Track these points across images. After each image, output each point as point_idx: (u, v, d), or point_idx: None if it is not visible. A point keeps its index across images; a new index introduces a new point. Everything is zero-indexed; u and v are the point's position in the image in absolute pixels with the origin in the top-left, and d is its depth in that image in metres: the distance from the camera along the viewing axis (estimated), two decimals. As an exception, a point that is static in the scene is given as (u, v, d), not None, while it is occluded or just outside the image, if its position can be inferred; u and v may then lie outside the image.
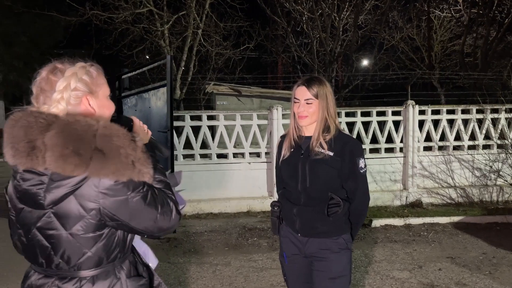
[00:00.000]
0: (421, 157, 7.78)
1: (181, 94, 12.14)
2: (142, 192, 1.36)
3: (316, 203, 2.26)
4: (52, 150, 1.26)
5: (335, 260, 2.27)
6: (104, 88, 1.47)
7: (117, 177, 1.30)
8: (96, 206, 1.31)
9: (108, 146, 1.29)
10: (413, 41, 17.12)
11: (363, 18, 14.99)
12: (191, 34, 11.67)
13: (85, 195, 1.31)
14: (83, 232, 1.34)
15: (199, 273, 4.48)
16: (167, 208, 1.42)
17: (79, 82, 1.39)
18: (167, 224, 1.42)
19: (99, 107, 1.44)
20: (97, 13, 10.22)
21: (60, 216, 1.33)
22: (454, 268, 4.52)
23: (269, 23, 16.44)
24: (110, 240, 1.38)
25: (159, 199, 1.40)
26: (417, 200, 7.55)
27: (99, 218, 1.33)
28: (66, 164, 1.25)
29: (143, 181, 1.37)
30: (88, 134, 1.28)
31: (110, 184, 1.31)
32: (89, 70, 1.43)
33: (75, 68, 1.40)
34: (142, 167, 1.34)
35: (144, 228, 1.39)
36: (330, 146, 2.24)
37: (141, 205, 1.35)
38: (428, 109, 7.83)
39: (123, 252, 1.44)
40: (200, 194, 7.30)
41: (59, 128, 1.28)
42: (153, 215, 1.38)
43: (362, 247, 5.22)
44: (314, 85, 2.24)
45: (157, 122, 6.17)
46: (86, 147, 1.27)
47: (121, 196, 1.32)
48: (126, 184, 1.32)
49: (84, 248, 1.35)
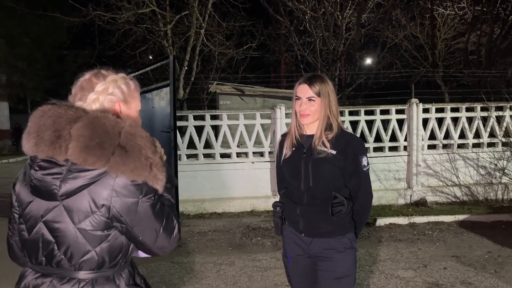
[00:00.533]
0: (425, 155, 7.75)
1: (184, 94, 12.14)
2: (153, 200, 1.36)
3: (320, 203, 2.24)
4: (78, 140, 1.29)
5: (340, 259, 2.25)
6: (137, 102, 1.55)
7: (134, 176, 1.31)
8: (107, 203, 1.32)
9: (131, 144, 1.32)
10: (417, 39, 17.03)
11: (366, 16, 14.94)
12: (194, 34, 11.66)
13: (99, 191, 1.32)
14: (91, 228, 1.34)
15: (203, 273, 4.47)
16: (171, 224, 1.42)
17: (117, 88, 1.47)
18: (166, 242, 1.41)
19: (127, 116, 1.50)
20: (100, 14, 10.23)
21: (70, 210, 1.33)
22: (459, 267, 4.49)
23: (271, 22, 16.43)
24: (115, 243, 1.38)
25: (166, 212, 1.41)
26: (422, 199, 7.52)
27: (107, 216, 1.34)
28: (89, 155, 1.28)
29: (155, 189, 1.37)
30: (114, 130, 1.32)
31: (126, 183, 1.32)
32: (128, 82, 1.51)
33: (116, 76, 1.49)
34: (158, 173, 1.36)
35: (145, 239, 1.39)
36: (333, 144, 2.22)
37: (149, 212, 1.35)
38: (432, 107, 7.80)
39: (125, 258, 1.44)
40: (204, 194, 7.30)
41: (88, 120, 1.32)
42: (157, 227, 1.38)
43: (367, 246, 5.20)
44: (316, 83, 2.22)
45: (161, 122, 6.17)
46: (111, 142, 1.30)
47: (133, 197, 1.33)
48: (140, 186, 1.33)
49: (88, 246, 1.35)
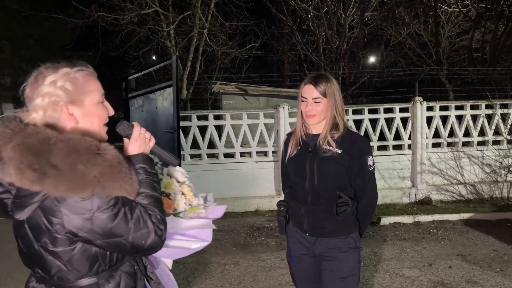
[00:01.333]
0: (429, 153, 7.71)
1: (187, 94, 12.16)
2: (111, 210, 1.26)
3: (324, 202, 2.24)
4: (12, 163, 1.21)
5: (345, 259, 2.25)
6: (93, 95, 1.38)
7: (75, 194, 1.22)
8: (60, 221, 1.25)
9: (64, 161, 1.21)
10: (420, 37, 16.94)
11: (369, 14, 14.89)
12: (197, 34, 11.68)
13: (50, 210, 1.25)
14: (51, 246, 1.28)
15: (207, 273, 4.48)
16: (143, 229, 1.31)
17: (59, 90, 1.32)
18: (141, 246, 1.32)
19: (84, 116, 1.37)
20: (103, 15, 10.26)
21: (31, 228, 1.29)
22: (464, 265, 4.47)
23: (275, 22, 16.39)
24: (85, 254, 1.31)
25: (134, 219, 1.30)
26: (426, 197, 7.49)
27: (64, 232, 1.26)
28: (23, 178, 1.20)
29: (116, 197, 1.28)
30: (44, 148, 1.22)
31: (73, 200, 1.23)
32: (74, 77, 1.35)
33: (56, 76, 1.33)
34: (109, 183, 1.25)
35: (114, 248, 1.32)
36: (338, 143, 2.22)
37: (107, 224, 1.26)
38: (436, 105, 7.76)
39: (107, 265, 1.37)
40: (208, 194, 7.29)
41: (18, 140, 1.23)
42: (123, 236, 1.29)
43: (371, 245, 5.19)
44: (322, 83, 2.22)
45: (164, 122, 6.18)
46: (41, 162, 1.20)
47: (84, 213, 1.24)
48: (90, 201, 1.24)
49: (57, 262, 1.30)
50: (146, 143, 1.49)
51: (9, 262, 4.71)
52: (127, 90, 7.43)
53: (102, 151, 1.27)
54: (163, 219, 1.38)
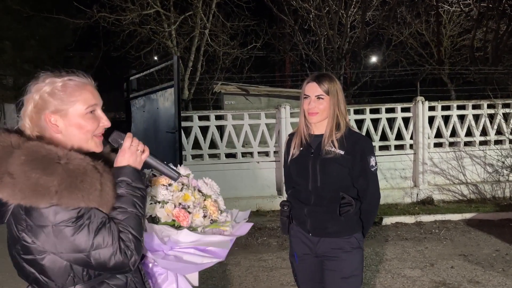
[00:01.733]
0: (431, 153, 7.70)
1: (189, 95, 12.17)
2: (72, 224, 1.21)
3: (327, 203, 2.24)
4: None
5: (348, 259, 2.25)
6: (78, 105, 1.34)
7: (33, 203, 1.19)
8: (26, 231, 1.24)
9: (19, 170, 1.19)
10: (422, 37, 16.92)
11: (370, 14, 14.88)
12: (198, 34, 11.68)
13: (16, 218, 1.24)
14: (22, 253, 1.27)
15: (209, 273, 4.47)
16: (106, 249, 1.24)
17: (41, 98, 1.32)
18: (105, 264, 1.25)
19: (66, 126, 1.34)
20: (104, 15, 10.27)
21: (9, 234, 1.30)
22: (466, 265, 4.46)
23: (276, 22, 16.38)
24: (55, 265, 1.26)
25: (97, 236, 1.23)
26: (428, 197, 7.48)
27: (31, 240, 1.24)
28: None
29: (81, 210, 1.22)
30: (3, 156, 1.21)
31: (33, 210, 1.20)
32: (62, 85, 1.34)
33: (41, 85, 1.33)
34: (69, 193, 1.20)
35: (79, 263, 1.26)
36: (341, 144, 2.21)
37: (66, 238, 1.21)
38: (438, 105, 7.75)
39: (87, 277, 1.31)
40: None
41: None
42: (84, 252, 1.23)
43: (373, 245, 5.18)
44: (325, 82, 2.22)
45: (165, 122, 6.18)
46: (1, 170, 1.19)
47: (44, 224, 1.21)
48: (51, 211, 1.20)
49: (30, 269, 1.28)
50: (137, 155, 1.41)
51: (11, 263, 4.72)
52: (128, 90, 7.43)
53: (64, 160, 1.23)
54: (136, 238, 1.31)
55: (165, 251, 1.56)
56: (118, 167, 1.37)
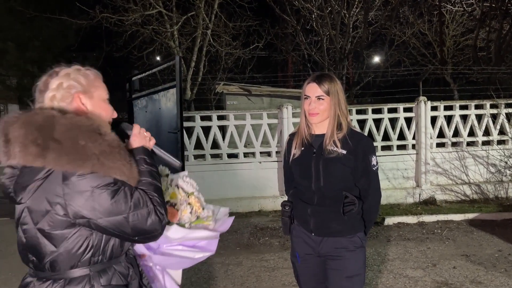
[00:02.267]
0: (434, 153, 7.69)
1: (191, 95, 12.18)
2: (111, 188, 1.30)
3: (330, 202, 2.24)
4: (17, 141, 1.27)
5: (351, 258, 2.25)
6: (100, 91, 1.49)
7: (75, 167, 1.26)
8: (61, 200, 1.29)
9: (65, 136, 1.27)
10: (425, 37, 16.89)
11: (373, 14, 14.85)
12: (200, 35, 11.69)
13: (51, 189, 1.29)
14: (49, 228, 1.31)
15: (210, 273, 4.48)
16: (143, 209, 1.34)
17: (72, 80, 1.42)
18: (142, 226, 1.34)
19: (93, 107, 1.45)
20: (107, 16, 10.30)
21: (31, 210, 1.33)
22: (469, 265, 4.45)
23: (278, 22, 16.38)
24: (80, 240, 1.34)
25: (134, 198, 1.34)
26: (431, 197, 7.46)
27: (63, 213, 1.30)
28: (27, 154, 1.26)
29: (116, 179, 1.32)
30: (47, 124, 1.28)
31: (74, 177, 1.28)
32: (85, 72, 1.47)
33: (69, 70, 1.45)
34: (108, 161, 1.29)
35: (116, 229, 1.33)
36: (343, 144, 2.21)
37: (106, 201, 1.29)
38: (440, 105, 7.73)
39: (100, 257, 1.39)
40: (211, 194, 7.28)
41: (23, 119, 1.30)
42: (123, 214, 1.31)
43: (375, 246, 5.17)
44: (325, 82, 2.22)
45: (168, 123, 6.19)
46: (45, 137, 1.26)
47: (84, 189, 1.28)
48: (90, 178, 1.28)
49: (51, 247, 1.32)
50: (146, 140, 1.56)
51: (14, 262, 4.74)
52: (131, 90, 7.44)
53: (103, 132, 1.34)
54: (163, 204, 1.42)
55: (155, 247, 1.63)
56: (134, 148, 1.51)
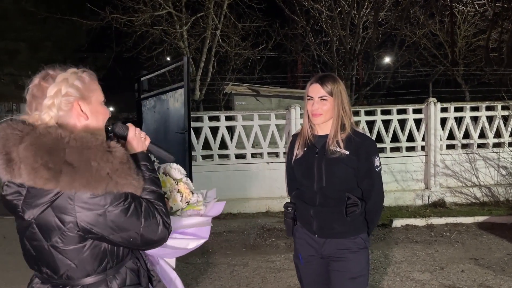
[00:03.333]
0: (444, 155, 7.61)
1: (200, 95, 12.21)
2: (123, 205, 1.31)
3: (333, 204, 2.23)
4: (24, 163, 1.24)
5: (354, 259, 2.24)
6: (97, 94, 1.45)
7: (90, 190, 1.26)
8: (73, 219, 1.28)
9: (78, 159, 1.25)
10: (436, 37, 16.74)
11: (383, 14, 14.75)
12: (209, 35, 11.72)
13: (62, 208, 1.27)
14: (62, 244, 1.31)
15: (216, 274, 4.48)
16: (153, 221, 1.37)
17: (70, 87, 1.38)
18: (152, 237, 1.37)
19: (92, 112, 1.42)
20: (117, 17, 10.37)
21: (41, 228, 1.31)
22: (477, 269, 4.38)
23: (288, 22, 16.36)
24: (94, 251, 1.35)
25: (144, 212, 1.35)
26: (440, 200, 7.39)
27: (76, 230, 1.29)
28: (37, 177, 1.23)
29: (126, 193, 1.32)
30: (58, 147, 1.25)
31: (86, 197, 1.27)
32: (81, 76, 1.42)
33: (66, 74, 1.39)
34: (120, 179, 1.29)
35: (127, 242, 1.35)
36: (346, 144, 2.20)
37: (120, 218, 1.30)
38: (450, 107, 7.65)
39: (115, 261, 1.41)
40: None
41: (30, 140, 1.25)
42: (135, 229, 1.33)
43: (382, 248, 5.13)
44: (328, 83, 2.21)
45: (175, 123, 6.21)
46: (56, 160, 1.24)
47: (97, 209, 1.28)
48: (103, 197, 1.28)
49: (66, 260, 1.33)
50: (142, 142, 1.53)
51: (23, 261, 4.79)
52: (139, 91, 7.49)
53: (113, 149, 1.32)
54: (168, 213, 1.44)
55: None
56: (133, 154, 1.47)
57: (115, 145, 1.34)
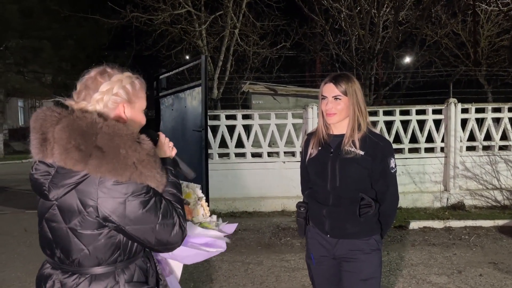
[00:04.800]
0: (464, 157, 7.48)
1: (218, 94, 12.27)
2: (143, 197, 1.34)
3: (346, 204, 2.21)
4: (58, 143, 1.30)
5: (367, 261, 2.22)
6: (142, 102, 1.53)
7: (115, 176, 1.30)
8: (94, 203, 1.32)
9: (108, 145, 1.30)
10: (458, 37, 16.42)
11: (404, 14, 14.54)
12: (228, 34, 11.76)
13: (85, 191, 1.33)
14: (80, 228, 1.35)
15: (231, 271, 4.50)
16: (170, 220, 1.39)
17: (122, 89, 1.45)
18: (166, 237, 1.39)
19: (132, 117, 1.49)
20: (137, 15, 10.50)
21: (62, 209, 1.37)
22: (496, 274, 4.30)
23: (307, 21, 16.28)
24: (109, 241, 1.39)
25: (163, 209, 1.38)
26: (459, 202, 7.26)
27: (95, 216, 1.34)
28: (68, 158, 1.29)
29: (148, 187, 1.36)
30: (91, 131, 1.31)
31: (110, 183, 1.31)
32: (133, 81, 1.49)
33: (122, 76, 1.47)
34: (145, 170, 1.33)
35: (141, 236, 1.37)
36: (361, 144, 2.18)
37: (138, 210, 1.33)
38: (471, 108, 7.51)
39: (126, 256, 1.43)
40: (235, 193, 7.35)
41: (67, 122, 1.32)
42: (151, 224, 1.35)
43: (399, 250, 5.07)
44: (342, 82, 2.20)
45: (193, 121, 6.26)
46: (87, 143, 1.29)
47: (119, 197, 1.32)
48: (126, 185, 1.32)
49: (81, 245, 1.37)
50: (170, 150, 1.61)
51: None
52: (158, 89, 7.57)
53: (142, 140, 1.37)
54: (185, 217, 1.47)
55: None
56: (161, 158, 1.51)
57: (144, 138, 1.39)
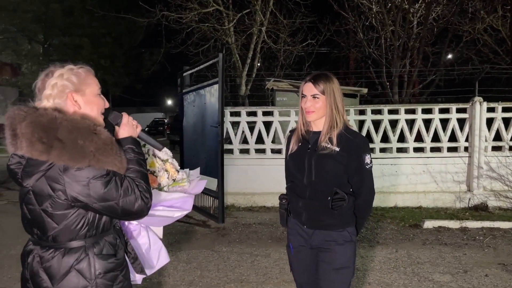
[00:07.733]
0: (489, 157, 7.30)
1: (246, 90, 12.44)
2: (104, 178, 1.55)
3: (321, 197, 2.33)
4: (24, 137, 1.52)
5: (340, 251, 2.33)
6: (92, 87, 1.71)
7: (75, 163, 1.51)
8: (61, 187, 1.54)
9: (67, 137, 1.51)
10: (497, 33, 15.78)
11: (439, 9, 14.14)
12: (256, 32, 11.90)
13: (53, 178, 1.54)
14: (51, 209, 1.58)
15: (238, 262, 4.68)
16: (131, 195, 1.60)
17: (65, 81, 1.64)
18: (130, 209, 1.60)
19: (85, 103, 1.68)
20: (167, 14, 10.82)
21: (36, 194, 1.59)
22: (503, 275, 4.24)
23: (339, 18, 16.13)
24: (78, 218, 1.60)
25: (124, 186, 1.59)
26: (482, 203, 7.10)
27: (64, 198, 1.55)
28: (33, 150, 1.51)
29: (108, 169, 1.56)
30: (52, 125, 1.52)
31: (73, 170, 1.52)
32: (77, 72, 1.68)
33: (62, 70, 1.66)
34: (103, 157, 1.54)
35: (107, 211, 1.59)
36: (338, 141, 2.29)
37: (100, 190, 1.54)
38: (498, 107, 7.32)
39: (94, 231, 1.65)
40: (254, 188, 7.50)
41: (31, 119, 1.54)
42: (114, 200, 1.56)
43: (408, 248, 5.08)
44: (321, 82, 2.31)
45: (211, 117, 6.47)
46: (49, 137, 1.50)
47: (82, 180, 1.53)
48: (87, 170, 1.53)
49: (53, 224, 1.59)
50: (134, 128, 1.80)
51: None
52: (182, 85, 7.85)
53: (98, 132, 1.57)
54: (148, 189, 1.67)
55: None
56: (123, 138, 1.75)
57: (101, 129, 1.60)
